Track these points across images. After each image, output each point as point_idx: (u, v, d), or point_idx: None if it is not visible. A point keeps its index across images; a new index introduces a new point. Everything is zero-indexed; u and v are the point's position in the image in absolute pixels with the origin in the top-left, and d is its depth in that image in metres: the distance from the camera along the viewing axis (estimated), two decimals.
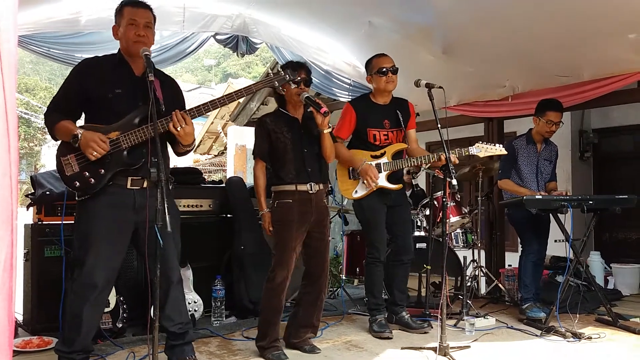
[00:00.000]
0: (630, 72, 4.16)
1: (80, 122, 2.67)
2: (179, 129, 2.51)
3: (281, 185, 3.16)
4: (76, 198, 2.62)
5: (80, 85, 2.59)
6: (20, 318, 3.78)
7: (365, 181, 3.59)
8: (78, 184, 2.52)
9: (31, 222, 3.72)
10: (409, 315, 3.83)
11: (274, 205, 3.17)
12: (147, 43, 2.60)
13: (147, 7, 2.68)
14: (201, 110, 2.61)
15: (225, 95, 2.70)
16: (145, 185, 2.58)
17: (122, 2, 2.68)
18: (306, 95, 3.09)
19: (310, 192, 3.15)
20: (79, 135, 2.46)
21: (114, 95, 2.56)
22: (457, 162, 3.42)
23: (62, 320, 2.89)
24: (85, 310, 2.52)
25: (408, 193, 5.01)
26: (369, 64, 3.75)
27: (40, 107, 23.75)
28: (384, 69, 3.62)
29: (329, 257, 3.34)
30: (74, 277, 2.59)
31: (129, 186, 2.57)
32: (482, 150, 3.61)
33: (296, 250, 3.15)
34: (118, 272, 2.70)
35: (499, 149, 3.64)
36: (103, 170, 2.51)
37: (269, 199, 3.23)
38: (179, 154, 2.80)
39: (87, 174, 2.51)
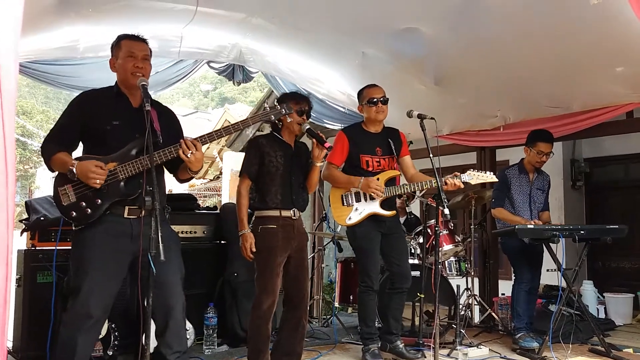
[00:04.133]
0: (619, 104, 4.25)
1: (78, 152, 2.68)
2: (189, 155, 2.53)
3: (266, 210, 3.15)
4: (73, 227, 2.61)
5: (79, 118, 2.63)
6: (10, 345, 3.73)
7: (372, 194, 3.60)
8: (75, 213, 2.52)
9: (24, 247, 3.71)
10: (403, 344, 3.81)
11: (257, 231, 3.14)
12: (145, 75, 2.65)
13: (144, 41, 2.73)
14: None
15: (223, 128, 2.73)
16: (142, 214, 2.58)
17: (119, 36, 2.73)
18: (308, 127, 3.16)
19: (294, 217, 3.18)
20: (74, 169, 2.47)
21: (111, 127, 2.59)
22: (460, 185, 3.46)
23: (52, 348, 2.85)
24: (80, 340, 2.47)
25: (402, 219, 5.03)
26: (360, 94, 3.83)
27: (36, 131, 23.80)
28: (375, 99, 3.69)
29: (308, 283, 3.33)
30: (68, 307, 2.55)
31: (126, 215, 2.58)
32: (473, 177, 3.66)
33: (280, 276, 3.13)
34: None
35: (490, 177, 3.69)
36: (100, 201, 2.52)
37: (249, 224, 3.21)
38: (182, 180, 2.83)
39: (84, 204, 2.51)
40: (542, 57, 3.88)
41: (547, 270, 4.23)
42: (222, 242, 4.44)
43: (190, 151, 2.52)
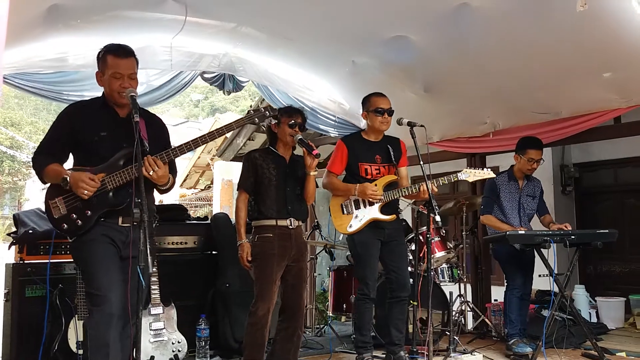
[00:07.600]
0: (606, 110, 4.29)
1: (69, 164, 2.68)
2: (151, 172, 2.54)
3: (262, 220, 3.25)
4: (69, 240, 2.63)
5: (69, 129, 2.64)
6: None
7: (369, 200, 3.59)
8: (66, 226, 2.55)
9: (12, 261, 3.66)
10: (407, 354, 3.73)
11: (254, 240, 3.24)
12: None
13: (130, 55, 2.66)
14: (183, 149, 2.66)
15: (208, 133, 2.74)
16: (133, 223, 2.60)
17: (105, 49, 2.66)
18: (300, 137, 3.24)
19: (290, 227, 3.26)
20: (68, 177, 2.50)
21: (99, 138, 2.61)
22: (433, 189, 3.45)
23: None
24: (111, 339, 2.48)
25: None
26: (366, 101, 3.78)
27: (25, 142, 23.62)
28: (381, 110, 3.68)
29: (304, 293, 3.39)
30: (90, 309, 2.56)
31: (120, 223, 2.62)
32: (470, 175, 3.64)
33: (277, 284, 3.20)
34: None
35: (487, 173, 3.67)
36: (90, 212, 2.55)
37: (249, 234, 3.30)
38: (160, 192, 2.84)
39: (74, 215, 2.54)
40: (530, 64, 3.91)
41: (539, 275, 4.23)
42: (214, 252, 4.41)
43: (152, 169, 2.54)
